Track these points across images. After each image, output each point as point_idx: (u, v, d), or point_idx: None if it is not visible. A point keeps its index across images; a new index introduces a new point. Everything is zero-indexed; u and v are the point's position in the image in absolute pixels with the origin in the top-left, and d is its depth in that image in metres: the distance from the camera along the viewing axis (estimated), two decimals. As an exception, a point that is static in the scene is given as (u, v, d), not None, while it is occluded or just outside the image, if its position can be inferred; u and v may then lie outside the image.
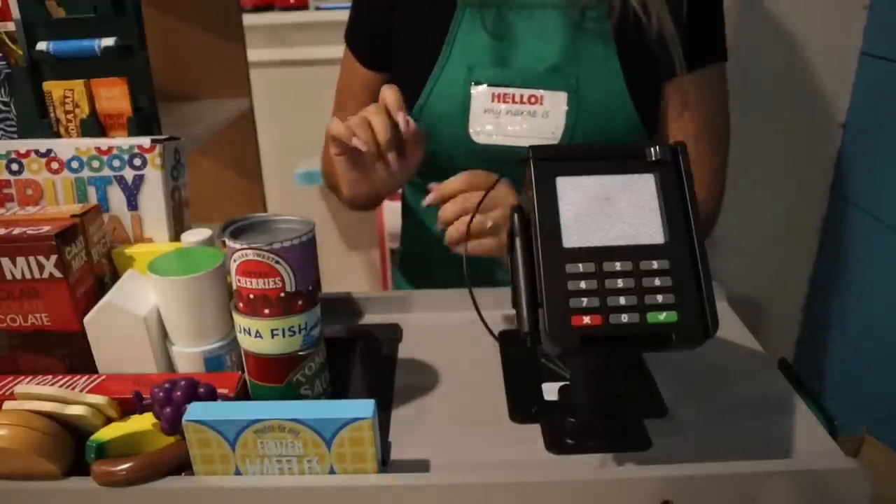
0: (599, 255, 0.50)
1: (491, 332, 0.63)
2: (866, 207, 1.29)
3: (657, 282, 0.49)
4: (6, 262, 0.58)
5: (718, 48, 0.86)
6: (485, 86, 0.81)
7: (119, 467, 0.51)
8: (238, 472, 0.52)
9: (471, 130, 0.82)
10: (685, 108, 0.85)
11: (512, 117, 0.81)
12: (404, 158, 0.75)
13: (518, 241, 0.53)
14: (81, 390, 0.56)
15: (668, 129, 0.87)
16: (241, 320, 0.57)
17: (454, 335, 0.74)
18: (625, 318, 0.48)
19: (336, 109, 0.97)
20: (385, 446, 0.58)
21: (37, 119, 0.74)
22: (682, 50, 0.81)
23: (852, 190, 1.34)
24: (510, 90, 0.81)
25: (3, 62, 0.74)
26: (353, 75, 0.93)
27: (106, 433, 0.53)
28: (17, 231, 0.58)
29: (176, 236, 0.70)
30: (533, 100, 0.81)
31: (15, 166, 0.68)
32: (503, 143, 0.82)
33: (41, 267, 0.58)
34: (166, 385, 0.53)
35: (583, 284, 0.49)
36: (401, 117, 0.71)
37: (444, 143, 0.84)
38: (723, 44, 0.86)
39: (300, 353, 0.58)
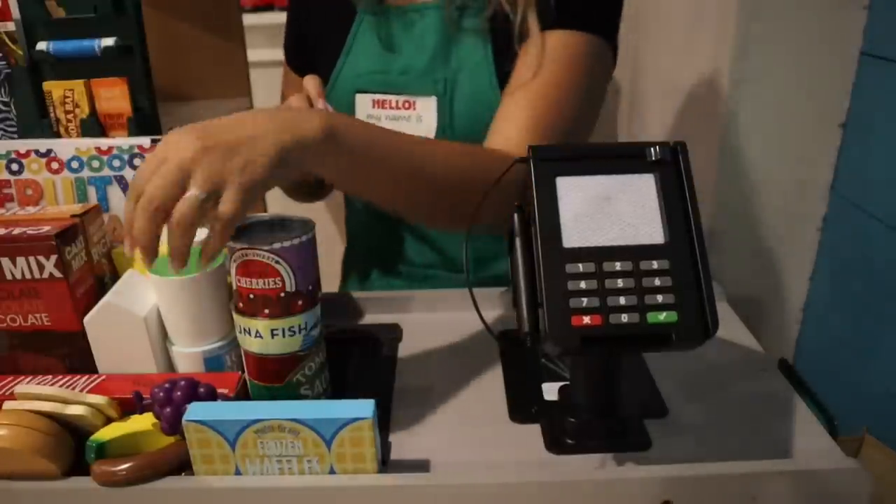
0: (599, 255, 0.50)
1: (491, 332, 0.63)
2: (866, 207, 1.29)
3: (657, 282, 0.49)
4: (6, 262, 0.58)
5: (588, 17, 0.77)
6: (366, 93, 0.84)
7: (119, 467, 0.51)
8: (238, 472, 0.52)
9: None
10: (528, 60, 0.76)
11: (391, 122, 0.84)
12: None
13: (518, 241, 0.53)
14: (81, 390, 0.56)
15: (513, 78, 0.78)
16: (241, 320, 0.57)
17: (454, 335, 0.74)
18: (625, 318, 0.48)
19: None
20: (385, 446, 0.58)
21: (37, 119, 0.74)
22: (541, 10, 0.76)
23: (852, 190, 1.34)
24: (388, 97, 0.83)
25: (3, 62, 0.74)
26: (288, 81, 0.96)
27: (106, 433, 0.53)
28: (17, 231, 0.58)
29: (176, 236, 0.70)
30: (407, 105, 0.83)
31: (15, 166, 0.67)
32: None
33: (41, 267, 0.58)
34: (166, 385, 0.53)
35: (583, 284, 0.49)
36: (320, 103, 0.71)
37: None
38: (596, 17, 0.78)
39: (300, 353, 0.58)
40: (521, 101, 0.75)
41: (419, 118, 0.83)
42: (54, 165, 0.68)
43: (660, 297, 0.49)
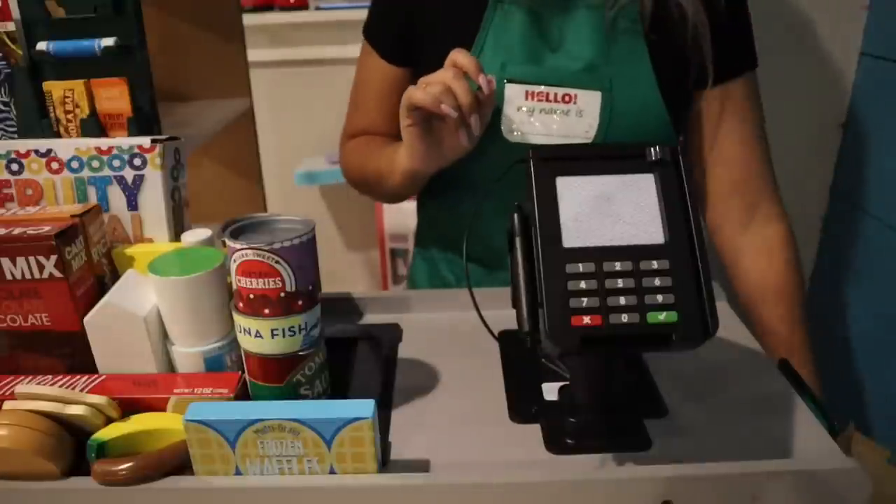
0: (599, 255, 0.50)
1: (491, 332, 0.63)
2: (866, 207, 1.29)
3: (657, 282, 0.49)
4: (6, 262, 0.58)
5: (752, 56, 0.87)
6: (518, 83, 0.81)
7: (119, 467, 0.51)
8: (238, 472, 0.52)
9: (503, 128, 0.82)
10: (728, 120, 0.86)
11: (545, 115, 0.81)
12: (483, 119, 0.76)
13: (518, 241, 0.53)
14: (81, 390, 0.56)
15: (708, 140, 0.87)
16: (241, 320, 0.57)
17: (454, 335, 0.74)
18: (625, 318, 0.48)
19: (353, 109, 0.97)
20: (385, 446, 0.58)
21: (37, 119, 0.74)
22: (716, 59, 0.81)
23: (852, 190, 1.34)
24: (544, 88, 0.81)
25: (3, 62, 0.74)
26: (374, 72, 0.92)
27: (106, 433, 0.53)
28: (17, 231, 0.58)
29: (176, 236, 0.70)
30: (567, 98, 0.81)
31: (15, 166, 0.67)
32: (538, 142, 0.81)
33: (41, 267, 0.58)
34: None
35: (583, 284, 0.49)
36: (483, 80, 0.72)
37: None
38: (754, 50, 0.87)
39: (300, 353, 0.58)
40: (754, 157, 0.88)
41: (579, 112, 0.81)
42: (54, 165, 0.68)
43: (660, 297, 0.49)
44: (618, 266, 0.49)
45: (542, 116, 0.81)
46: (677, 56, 0.81)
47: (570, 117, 0.81)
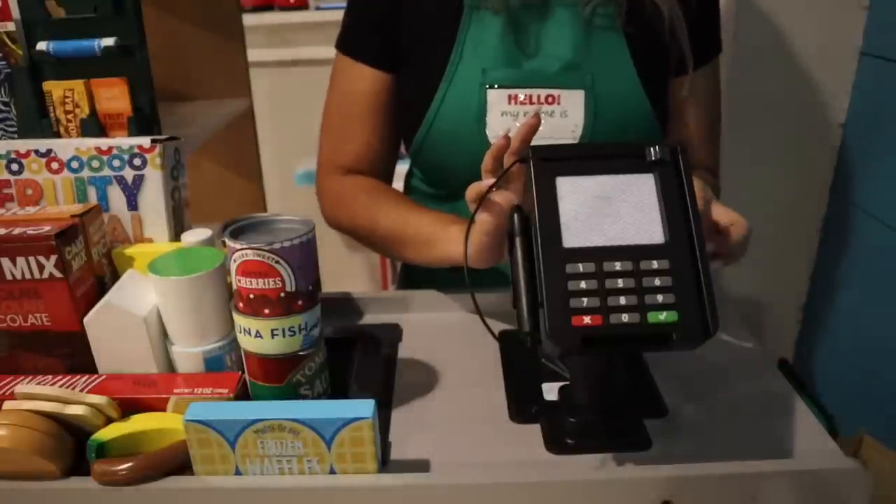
0: (599, 255, 0.50)
1: (491, 332, 0.63)
2: (866, 207, 1.29)
3: (657, 282, 0.49)
4: (6, 262, 0.58)
5: (719, 41, 0.89)
6: (500, 88, 0.80)
7: (119, 467, 0.51)
8: (238, 472, 0.52)
9: (489, 133, 0.80)
10: (694, 104, 0.87)
11: None
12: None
13: (518, 241, 0.53)
14: (81, 390, 0.56)
15: (676, 124, 0.88)
16: (241, 320, 0.57)
17: (454, 335, 0.74)
18: (625, 317, 0.48)
19: (336, 134, 0.89)
20: (385, 446, 0.58)
21: (37, 119, 0.74)
22: (690, 46, 0.82)
23: (852, 190, 1.34)
24: (526, 91, 0.80)
25: (3, 62, 0.74)
26: (361, 83, 0.86)
27: (106, 433, 0.53)
28: (17, 231, 0.58)
29: (176, 236, 0.70)
30: (550, 100, 0.80)
31: (15, 166, 0.68)
32: None
33: (41, 267, 0.58)
34: None
35: (583, 284, 0.49)
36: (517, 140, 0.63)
37: (459, 148, 0.82)
38: (720, 35, 0.89)
39: (300, 353, 0.58)
40: (711, 139, 0.91)
41: (564, 113, 0.80)
42: (54, 165, 0.68)
43: (660, 297, 0.49)
44: (618, 266, 0.49)
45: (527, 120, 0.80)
46: (656, 47, 0.81)
47: (556, 118, 0.80)
